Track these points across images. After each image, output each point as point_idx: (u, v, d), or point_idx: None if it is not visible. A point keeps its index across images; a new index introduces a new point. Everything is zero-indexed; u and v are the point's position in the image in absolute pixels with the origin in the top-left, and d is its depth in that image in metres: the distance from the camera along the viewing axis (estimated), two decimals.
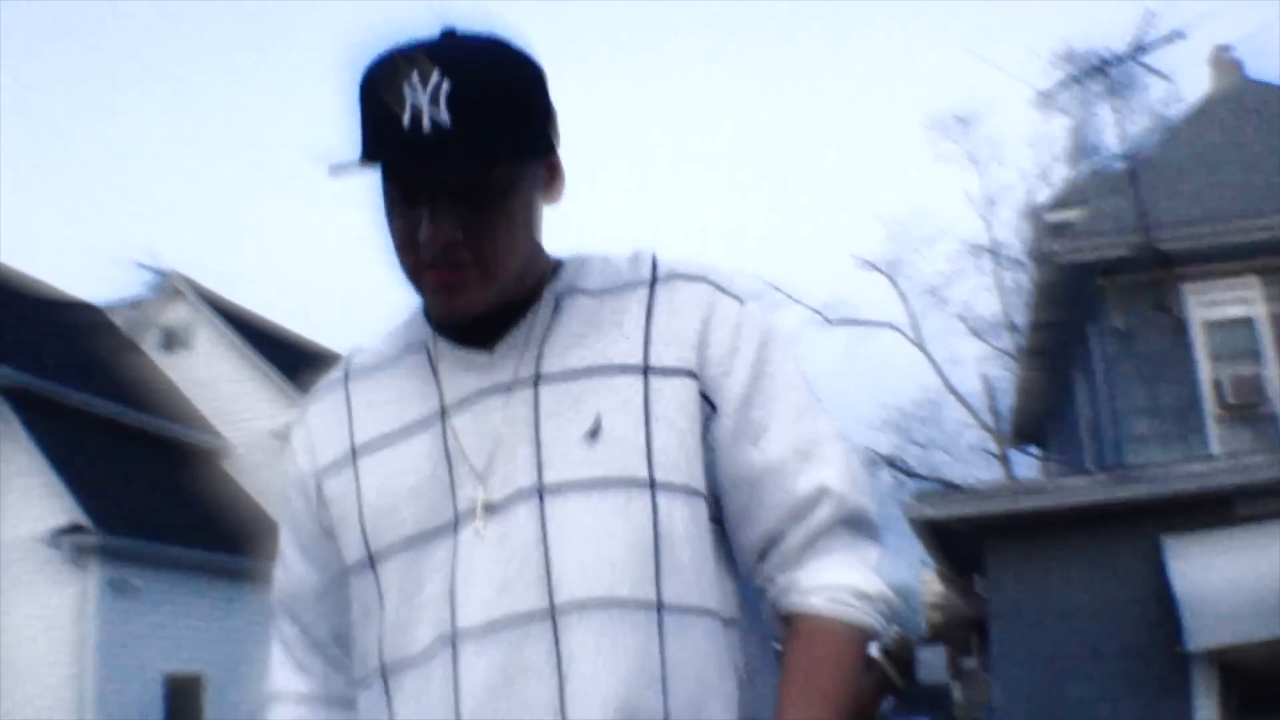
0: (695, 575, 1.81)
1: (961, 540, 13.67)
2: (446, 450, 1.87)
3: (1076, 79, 29.53)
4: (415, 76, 1.72)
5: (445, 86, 1.72)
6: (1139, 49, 19.54)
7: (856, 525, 1.89)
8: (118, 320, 28.99)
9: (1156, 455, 15.88)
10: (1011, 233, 41.31)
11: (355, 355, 2.10)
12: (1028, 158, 72.53)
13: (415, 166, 1.77)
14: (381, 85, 1.76)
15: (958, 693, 29.39)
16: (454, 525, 1.82)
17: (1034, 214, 31.01)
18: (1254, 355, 16.47)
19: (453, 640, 1.76)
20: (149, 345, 28.65)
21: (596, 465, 1.80)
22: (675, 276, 1.96)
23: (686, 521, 1.82)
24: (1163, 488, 12.23)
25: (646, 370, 1.86)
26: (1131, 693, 12.06)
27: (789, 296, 41.00)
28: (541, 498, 1.79)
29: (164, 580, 21.75)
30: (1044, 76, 46.02)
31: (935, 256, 73.17)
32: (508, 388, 1.87)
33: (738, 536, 1.90)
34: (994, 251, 41.06)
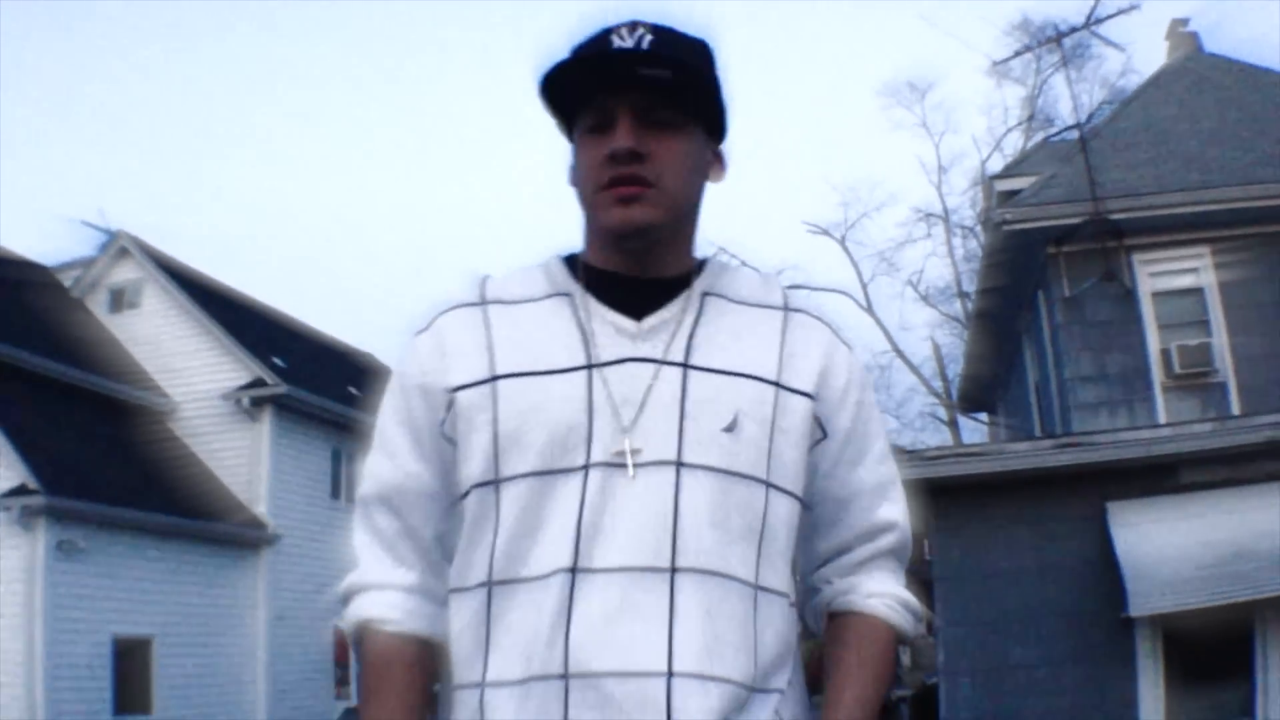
0: (782, 564, 2.12)
1: (908, 504, 13.68)
2: (590, 400, 2.06)
3: (1031, 48, 29.66)
4: (624, 31, 2.10)
5: (648, 38, 2.09)
6: (1094, 20, 19.61)
7: (902, 554, 2.29)
8: (65, 280, 28.81)
9: (1104, 423, 15.98)
10: (963, 200, 41.45)
11: (489, 283, 2.28)
12: (981, 125, 72.91)
13: (616, 79, 2.09)
14: (595, 37, 2.13)
15: (906, 658, 29.53)
16: (585, 470, 2.02)
17: (985, 181, 31.12)
18: (1203, 325, 16.59)
19: (573, 573, 1.96)
20: (96, 305, 28.47)
21: (729, 456, 2.04)
22: (803, 312, 2.26)
23: (785, 520, 2.12)
24: (1108, 454, 12.28)
25: (779, 385, 2.12)
26: (1075, 657, 12.13)
27: (739, 260, 41.10)
28: (679, 471, 2.02)
29: (112, 542, 21.65)
30: (998, 45, 46.10)
31: (886, 223, 73.46)
32: (658, 364, 2.09)
33: (814, 541, 2.26)
34: (945, 218, 41.22)
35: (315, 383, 28.32)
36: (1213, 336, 16.45)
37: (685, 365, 2.09)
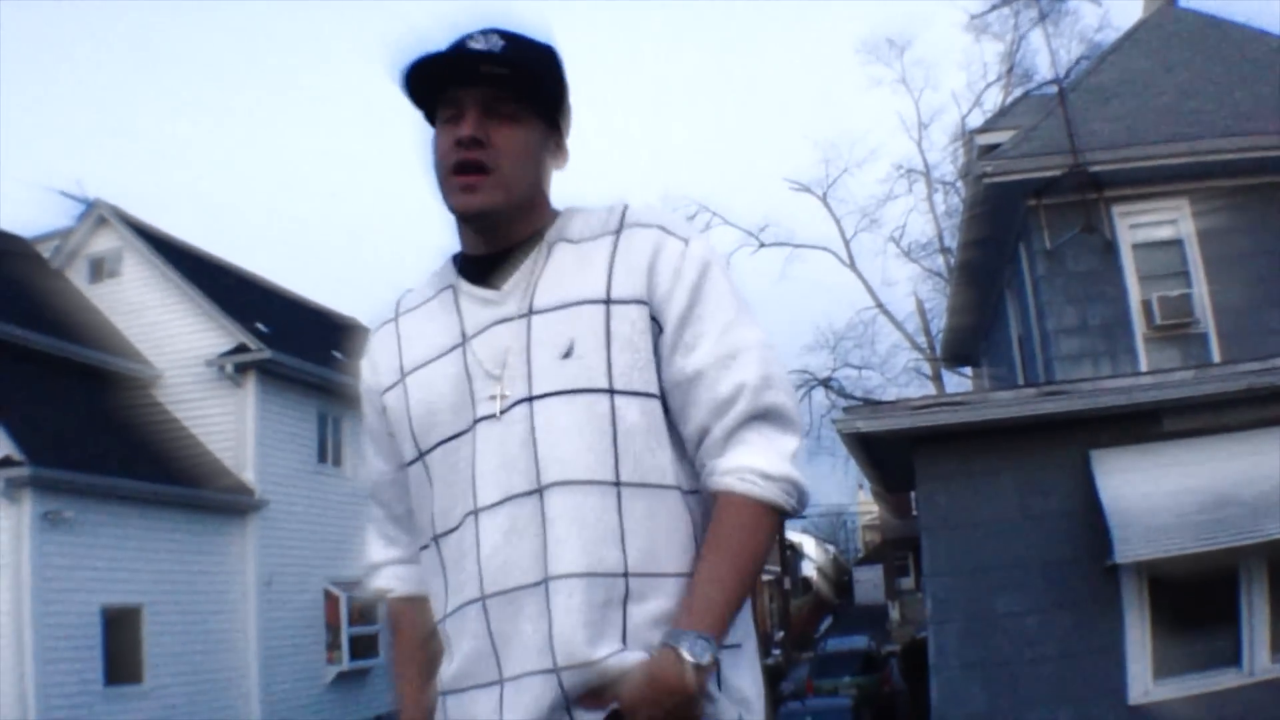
0: (650, 458, 2.33)
1: (894, 455, 13.77)
2: (467, 369, 2.43)
3: (1008, 2, 29.69)
4: (480, 36, 2.41)
5: (499, 42, 2.40)
6: None
7: (771, 418, 2.37)
8: (44, 251, 28.67)
9: (1086, 374, 16.06)
10: (944, 156, 41.49)
11: (403, 297, 2.70)
12: (960, 81, 72.84)
13: (463, 75, 2.40)
14: (455, 40, 2.42)
15: (895, 612, 29.73)
16: (473, 426, 2.38)
17: (966, 136, 31.15)
18: (1183, 276, 16.71)
19: (475, 513, 2.34)
20: (76, 275, 28.31)
21: (569, 379, 2.33)
22: (635, 225, 2.47)
23: (638, 417, 2.34)
24: (1091, 402, 12.36)
25: (608, 301, 2.37)
26: (1061, 604, 12.24)
27: (722, 219, 41.17)
28: (531, 404, 2.34)
29: (98, 511, 21.50)
30: (976, 2, 46.11)
31: (868, 179, 73.55)
32: (511, 319, 2.42)
33: (680, 431, 2.39)
34: (926, 174, 41.28)
35: (299, 347, 28.20)
36: (1193, 287, 16.56)
37: (530, 314, 2.41)
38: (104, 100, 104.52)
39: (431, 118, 2.51)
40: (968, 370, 32.43)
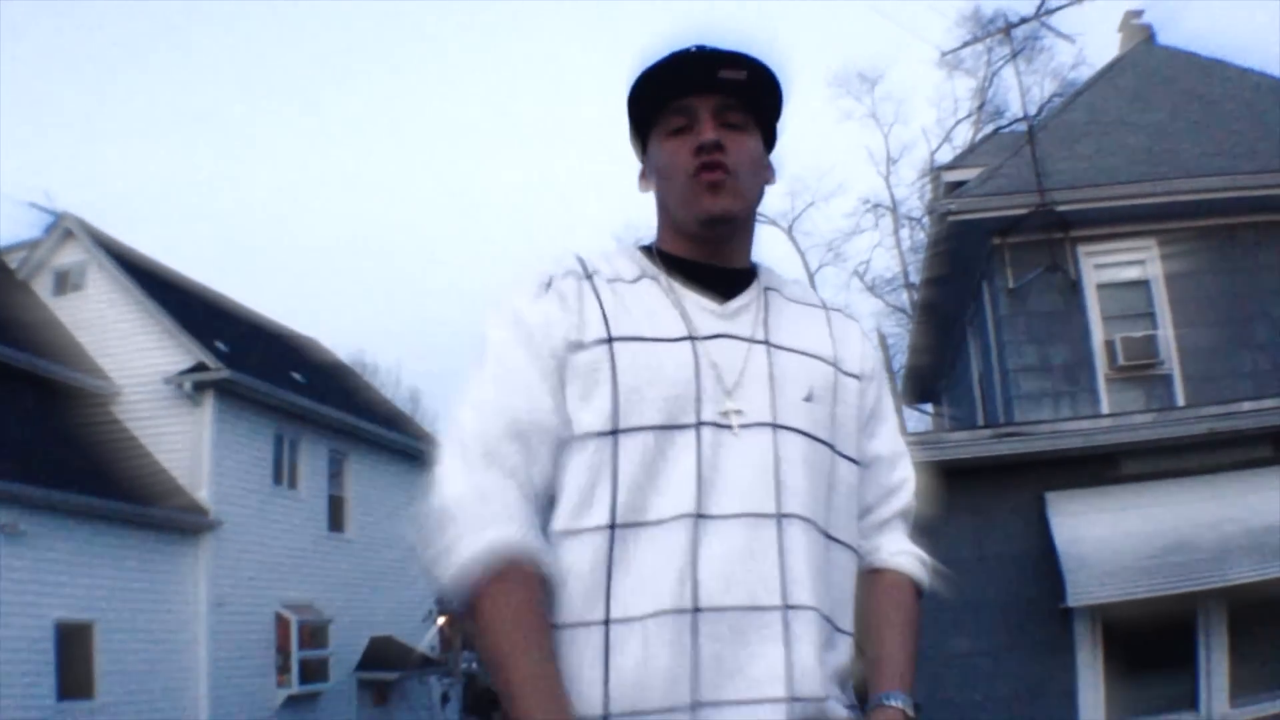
0: (847, 518, 2.40)
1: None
2: (697, 366, 2.29)
3: (980, 39, 29.63)
4: (710, 47, 2.38)
5: (730, 51, 2.38)
6: (1044, 11, 19.60)
7: (911, 516, 2.61)
8: (10, 262, 28.55)
9: (1046, 414, 16.02)
10: (911, 191, 41.51)
11: (586, 260, 2.47)
12: (931, 116, 73.02)
13: (702, 83, 2.38)
14: (676, 51, 2.40)
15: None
16: (697, 427, 2.24)
17: (933, 172, 31.12)
18: (1148, 317, 16.65)
19: (696, 518, 2.17)
20: (41, 287, 28.23)
21: (809, 421, 2.34)
22: (839, 311, 2.62)
23: (846, 480, 2.41)
24: (1047, 444, 12.25)
25: (836, 367, 2.46)
26: (1014, 646, 12.10)
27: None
28: (775, 431, 2.28)
29: (53, 526, 21.40)
30: (949, 36, 46.14)
31: (834, 213, 73.62)
32: (747, 340, 2.38)
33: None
34: (893, 209, 41.30)
35: (258, 367, 28.17)
36: (1158, 328, 16.49)
37: (768, 344, 2.39)
38: (76, 112, 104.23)
39: (644, 133, 2.52)
40: (929, 407, 32.40)
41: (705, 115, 2.38)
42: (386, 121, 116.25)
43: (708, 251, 2.45)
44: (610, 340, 2.29)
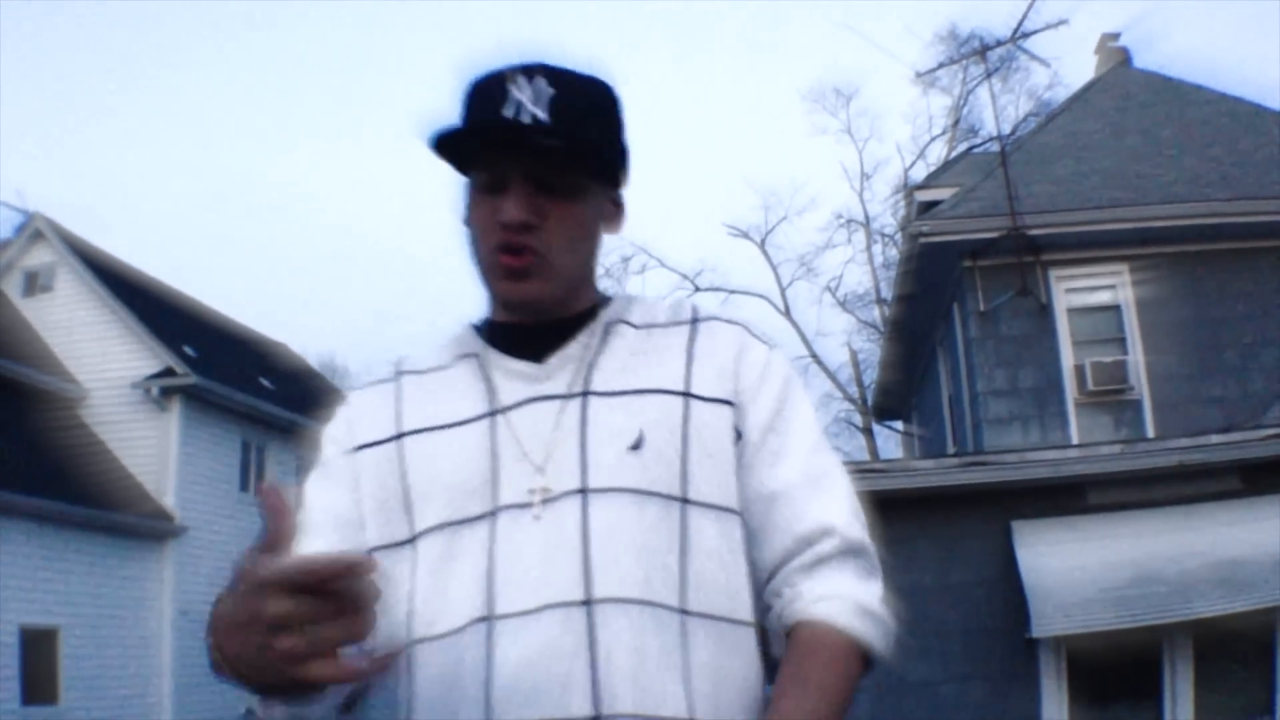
0: (725, 586, 1.95)
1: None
2: (494, 446, 2.00)
3: (955, 61, 29.64)
4: (522, 79, 2.02)
5: (548, 91, 2.01)
6: (1021, 34, 19.59)
7: (861, 557, 2.02)
8: None
9: (1015, 438, 15.98)
10: (885, 207, 41.61)
11: (405, 360, 2.26)
12: (905, 133, 73.15)
13: (509, 145, 2.01)
14: (491, 83, 2.05)
15: None
16: (493, 514, 1.94)
17: (906, 191, 31.15)
18: (1119, 343, 16.63)
19: (489, 620, 1.85)
20: (10, 288, 28.13)
21: (636, 477, 1.94)
22: (714, 319, 2.19)
23: (716, 537, 1.96)
24: (1014, 474, 12.20)
25: (687, 395, 2.03)
26: (977, 675, 12.05)
27: (659, 261, 41.13)
28: (585, 498, 1.92)
29: (18, 530, 21.32)
30: (925, 54, 46.28)
31: (807, 228, 73.65)
32: (561, 399, 2.03)
33: (752, 553, 2.02)
34: (866, 225, 41.39)
35: (226, 373, 28.11)
36: (1128, 354, 16.46)
37: (585, 394, 2.03)
38: (49, 112, 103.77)
39: (462, 167, 2.14)
40: (898, 424, 32.42)
41: (517, 182, 2.02)
42: (364, 122, 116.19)
43: (523, 315, 2.13)
44: (399, 436, 2.08)
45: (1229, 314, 16.53)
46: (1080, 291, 16.98)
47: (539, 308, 2.09)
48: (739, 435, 2.04)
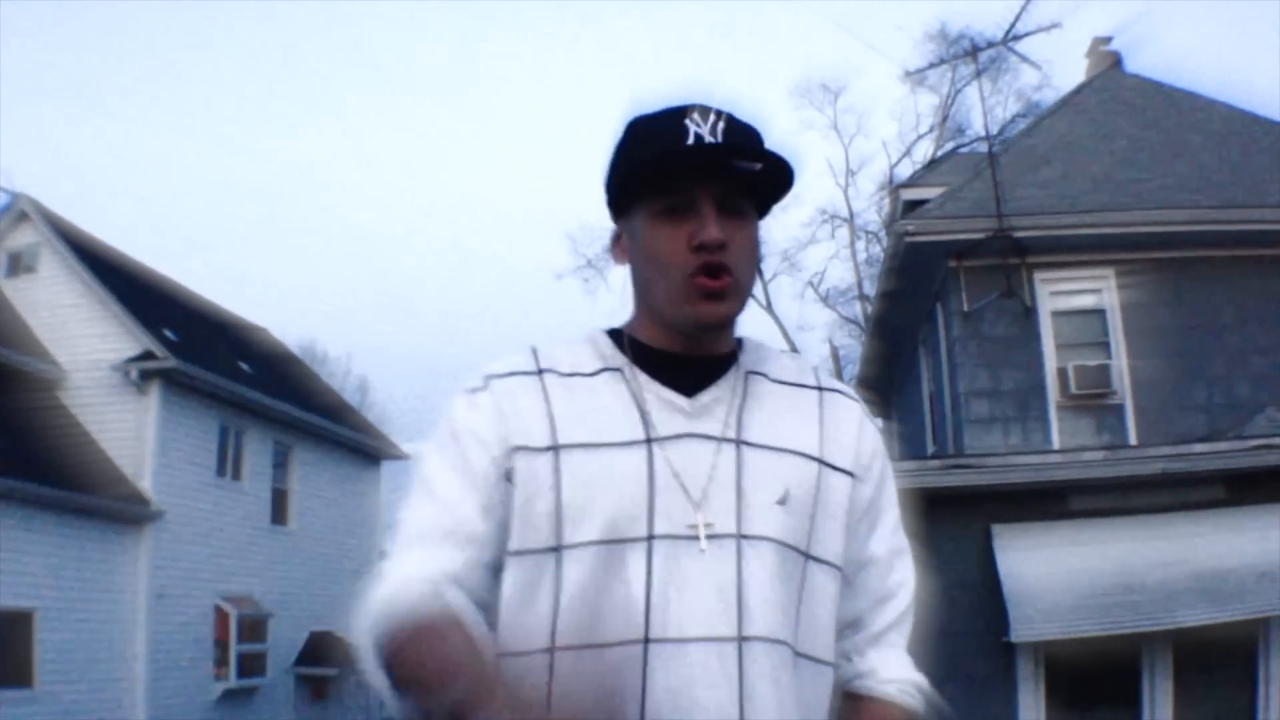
0: (821, 631, 2.19)
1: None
2: (651, 475, 2.11)
3: (946, 61, 29.59)
4: (698, 115, 2.15)
5: (722, 124, 2.14)
6: (1013, 36, 19.54)
7: (907, 624, 2.36)
8: None
9: (996, 439, 15.96)
10: (869, 204, 41.54)
11: (541, 354, 2.30)
12: (892, 131, 73.01)
13: (701, 170, 2.12)
14: (669, 120, 2.16)
15: None
16: (648, 541, 2.07)
17: (893, 189, 31.09)
18: (1102, 347, 16.61)
19: (645, 643, 2.00)
20: None
21: (782, 529, 2.12)
22: (836, 390, 2.35)
23: (826, 589, 2.20)
24: (996, 477, 12.18)
25: (821, 462, 2.21)
26: (954, 678, 12.00)
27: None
28: (740, 544, 2.08)
29: None
30: (915, 52, 46.20)
31: (791, 222, 73.51)
32: (716, 440, 2.16)
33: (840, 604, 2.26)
34: (850, 221, 41.33)
35: (206, 357, 28.01)
36: (1112, 358, 16.44)
37: (739, 442, 2.17)
38: (37, 95, 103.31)
39: (624, 198, 2.25)
40: (878, 421, 32.37)
41: (708, 206, 2.13)
42: (347, 106, 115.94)
43: (686, 343, 2.23)
44: (556, 448, 2.13)
45: (1214, 321, 16.52)
46: (1065, 295, 16.95)
47: (725, 330, 2.26)
48: (850, 503, 2.24)
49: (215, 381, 27.38)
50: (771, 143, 2.23)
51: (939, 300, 17.88)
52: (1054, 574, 11.67)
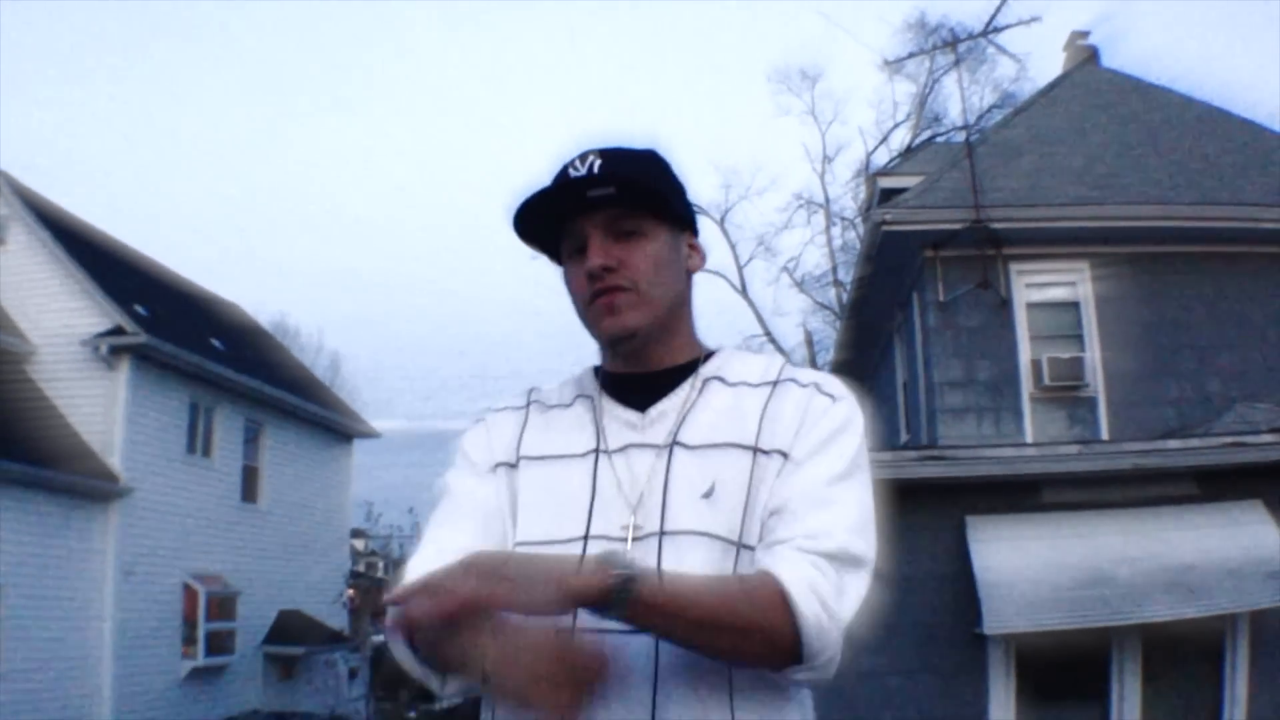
0: None
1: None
2: (594, 482, 2.34)
3: (926, 52, 29.63)
4: (577, 162, 2.38)
5: (598, 162, 2.36)
6: (992, 29, 19.58)
7: (849, 563, 2.21)
8: None
9: (969, 430, 16.01)
10: (845, 190, 41.56)
11: (536, 392, 2.62)
12: (869, 118, 73.12)
13: (575, 207, 2.37)
14: (557, 175, 2.39)
15: None
16: (584, 540, 2.27)
17: (869, 177, 31.10)
18: (1076, 339, 16.68)
19: (574, 632, 2.05)
20: None
21: (705, 521, 2.24)
22: (791, 380, 2.44)
23: None
24: (970, 469, 12.20)
25: (756, 450, 2.31)
26: (926, 668, 12.05)
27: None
28: (661, 539, 2.24)
29: None
30: (893, 40, 46.28)
31: (766, 207, 73.52)
32: (658, 448, 2.35)
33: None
34: (826, 207, 41.34)
35: (177, 333, 27.87)
36: (1085, 351, 16.51)
37: (673, 445, 2.33)
38: (10, 67, 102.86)
39: (557, 253, 2.50)
40: (859, 413, 32.43)
41: (593, 235, 2.38)
42: (323, 83, 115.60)
43: (633, 363, 2.46)
44: (518, 462, 2.45)
45: (1187, 316, 16.62)
46: (1040, 287, 17.02)
47: (640, 337, 2.41)
48: (785, 458, 2.30)
49: (186, 357, 27.26)
50: (666, 161, 2.52)
51: (914, 289, 17.91)
52: (1027, 567, 11.68)
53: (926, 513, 12.27)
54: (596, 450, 2.39)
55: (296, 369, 38.08)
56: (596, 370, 2.58)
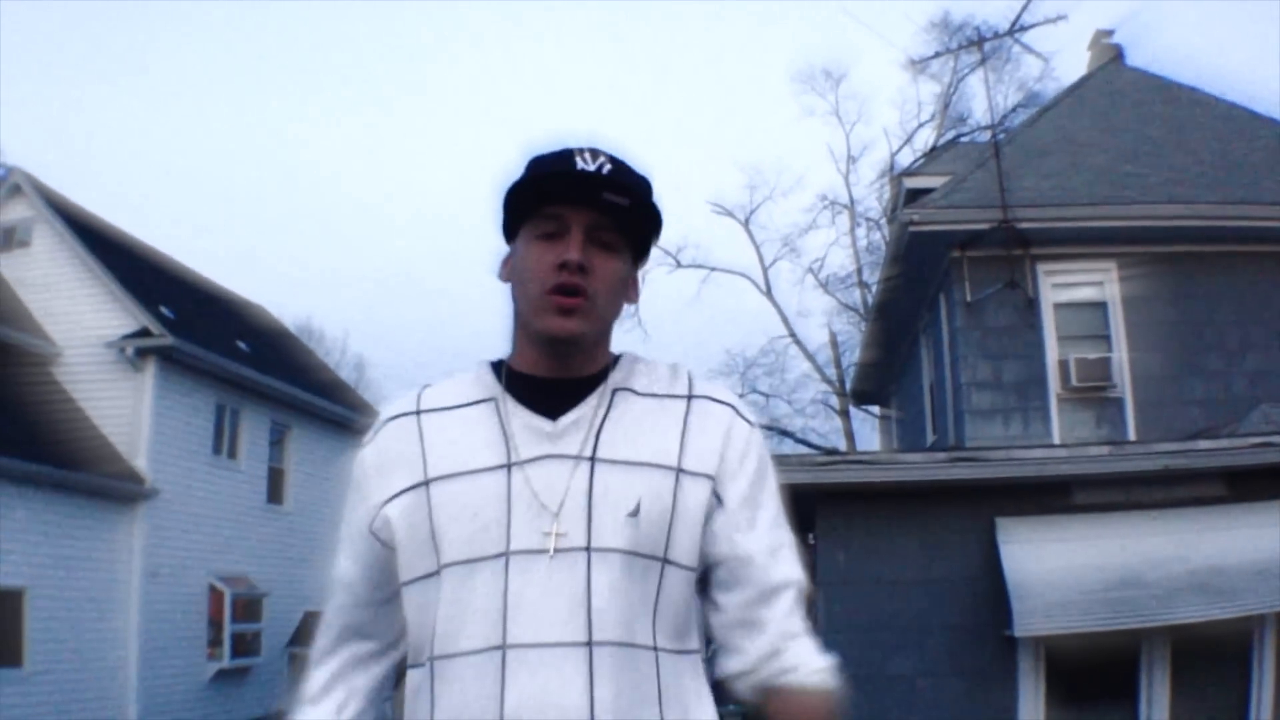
0: (684, 627, 2.37)
1: (795, 508, 13.53)
2: (509, 495, 2.31)
3: (951, 51, 29.54)
4: (587, 155, 2.40)
5: (608, 166, 2.39)
6: (1018, 28, 19.52)
7: (802, 605, 2.44)
8: None
9: (996, 431, 15.98)
10: (870, 191, 41.48)
11: (424, 393, 2.56)
12: (893, 118, 72.95)
13: (576, 197, 2.37)
14: (556, 155, 2.43)
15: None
16: (505, 555, 2.27)
17: (894, 177, 31.03)
18: (1103, 340, 16.65)
19: (503, 649, 2.21)
20: None
21: (632, 539, 2.29)
22: (706, 397, 2.50)
23: (681, 589, 2.35)
24: (1001, 471, 12.16)
25: (679, 471, 2.36)
26: (956, 670, 12.03)
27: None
28: (589, 554, 2.26)
29: None
30: (917, 40, 46.15)
31: (791, 208, 73.37)
32: (573, 460, 2.34)
33: (719, 596, 2.43)
34: (851, 208, 41.26)
35: (203, 335, 27.87)
36: (1113, 351, 16.47)
37: (593, 459, 2.34)
38: (31, 68, 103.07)
39: (514, 227, 2.50)
40: (875, 409, 32.34)
41: (577, 230, 2.38)
42: (347, 83, 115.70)
43: (552, 364, 2.46)
44: (427, 483, 2.38)
45: (1214, 316, 16.57)
46: (1067, 287, 16.98)
47: (580, 345, 2.42)
48: (719, 501, 2.39)
49: (212, 359, 27.25)
50: (655, 195, 2.49)
51: (941, 290, 17.88)
52: (1057, 569, 11.66)
53: (956, 515, 12.27)
54: (509, 461, 2.37)
55: (322, 371, 38.02)
56: (496, 366, 2.56)
